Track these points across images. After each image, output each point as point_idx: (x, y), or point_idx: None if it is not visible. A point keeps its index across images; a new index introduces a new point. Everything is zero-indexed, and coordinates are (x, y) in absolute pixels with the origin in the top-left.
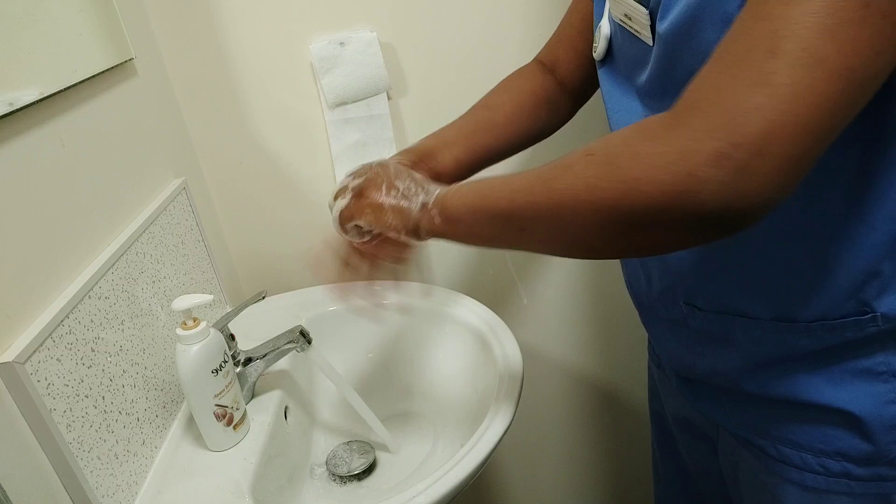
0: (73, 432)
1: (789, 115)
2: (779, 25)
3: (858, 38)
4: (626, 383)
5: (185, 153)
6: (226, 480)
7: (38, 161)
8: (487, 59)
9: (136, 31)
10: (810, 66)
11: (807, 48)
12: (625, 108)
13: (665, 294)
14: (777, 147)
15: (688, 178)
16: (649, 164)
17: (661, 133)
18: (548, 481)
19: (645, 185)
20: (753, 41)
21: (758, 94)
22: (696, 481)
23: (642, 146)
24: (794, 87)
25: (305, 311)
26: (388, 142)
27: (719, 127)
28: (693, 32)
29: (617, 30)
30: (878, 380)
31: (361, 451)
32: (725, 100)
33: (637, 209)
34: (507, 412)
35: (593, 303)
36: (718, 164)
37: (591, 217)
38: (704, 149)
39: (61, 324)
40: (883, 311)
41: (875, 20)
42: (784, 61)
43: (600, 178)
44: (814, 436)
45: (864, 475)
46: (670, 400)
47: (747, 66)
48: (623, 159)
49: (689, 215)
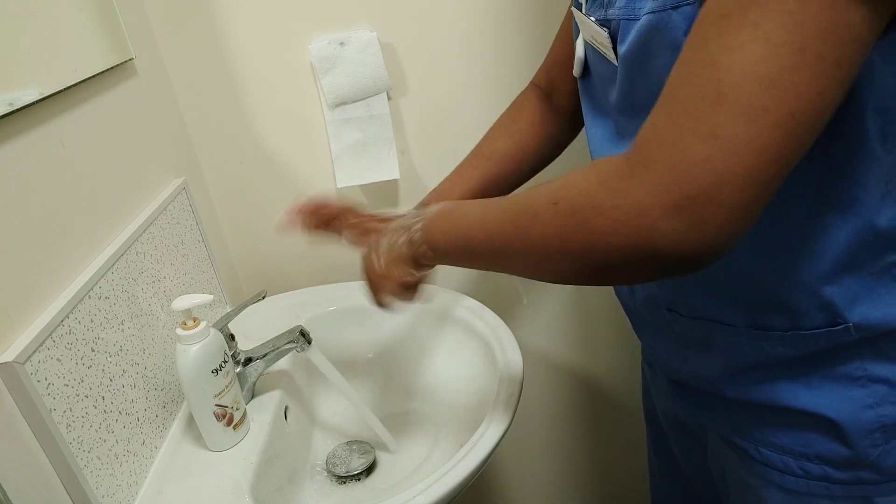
0: (73, 432)
1: (737, 166)
2: (722, 74)
3: (798, 83)
4: (625, 383)
5: (185, 153)
6: (226, 480)
7: (38, 161)
8: (487, 59)
9: (136, 31)
10: (754, 117)
11: (749, 99)
12: (599, 124)
13: (648, 302)
14: (728, 196)
15: (648, 231)
16: (611, 218)
17: (618, 186)
18: (547, 480)
19: (608, 236)
20: (699, 90)
21: (706, 147)
22: (689, 479)
23: (603, 199)
24: (739, 138)
25: (305, 311)
26: (388, 142)
27: (673, 181)
28: (646, 58)
29: (590, 49)
30: (856, 385)
31: (361, 451)
32: (676, 154)
33: (605, 257)
34: (507, 412)
35: (592, 303)
36: (675, 216)
37: (564, 260)
38: (660, 203)
39: (61, 324)
40: (855, 322)
41: (812, 63)
42: (728, 112)
43: (568, 229)
44: (794, 439)
45: (844, 479)
46: (662, 400)
47: (695, 118)
48: (586, 212)
49: (651, 261)
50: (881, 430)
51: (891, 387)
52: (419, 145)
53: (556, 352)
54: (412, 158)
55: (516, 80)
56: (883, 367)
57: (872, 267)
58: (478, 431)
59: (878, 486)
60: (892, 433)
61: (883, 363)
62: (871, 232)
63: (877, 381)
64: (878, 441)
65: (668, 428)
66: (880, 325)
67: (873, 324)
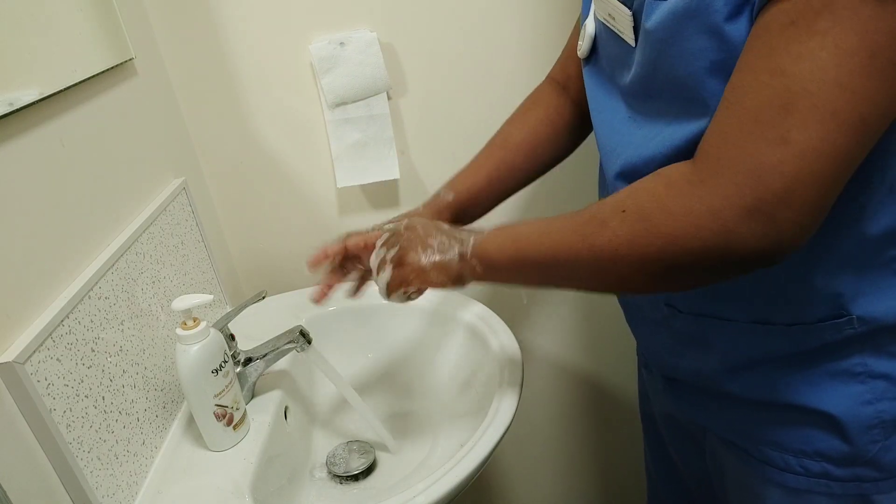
0: (73, 432)
1: (807, 169)
2: (791, 81)
3: (867, 88)
4: (625, 383)
5: (185, 153)
6: (226, 480)
7: (37, 161)
8: (487, 58)
9: (136, 31)
10: (823, 121)
11: (819, 103)
12: (608, 107)
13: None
14: (799, 197)
15: (723, 233)
16: (685, 222)
17: (688, 190)
18: (547, 480)
19: (683, 240)
20: (767, 97)
21: (777, 152)
22: (686, 481)
23: (673, 203)
24: (809, 142)
25: (305, 311)
26: (389, 141)
27: (746, 184)
28: (677, 39)
29: (602, 29)
30: (856, 381)
31: (361, 451)
32: (748, 158)
33: (679, 259)
34: (507, 412)
35: (592, 303)
36: (750, 218)
37: (634, 267)
38: (735, 205)
39: (61, 324)
40: (859, 314)
41: (883, 68)
42: (798, 118)
43: (638, 235)
44: (794, 437)
45: (843, 476)
46: (658, 401)
47: (765, 124)
48: (657, 216)
49: (727, 261)
50: (880, 425)
51: (890, 383)
52: (419, 145)
53: (557, 352)
54: (412, 158)
55: (516, 79)
56: (883, 363)
57: (877, 261)
58: (478, 430)
59: (877, 483)
60: (891, 429)
61: (883, 359)
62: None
63: (877, 377)
64: (878, 437)
65: (665, 430)
66: (882, 319)
67: (876, 317)
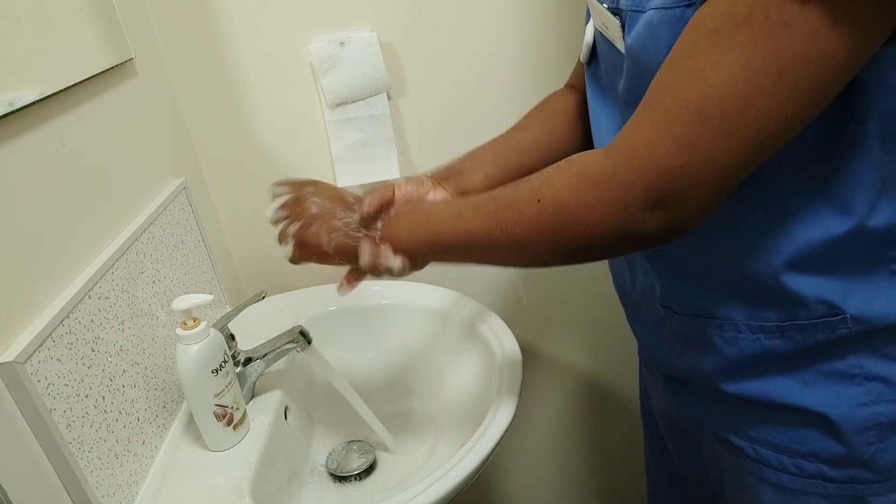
0: (73, 432)
1: (709, 173)
2: (707, 89)
3: (769, 108)
4: (625, 383)
5: (185, 153)
6: (226, 480)
7: (38, 161)
8: (487, 58)
9: (136, 31)
10: (728, 134)
11: (727, 117)
12: (607, 114)
13: (645, 293)
14: (700, 194)
15: (632, 221)
16: (598, 211)
17: (601, 182)
18: (547, 480)
19: (595, 227)
20: (685, 100)
21: (685, 155)
22: (685, 480)
23: (587, 194)
24: (714, 150)
25: (305, 311)
26: (388, 141)
27: (654, 182)
28: (654, 51)
29: (599, 37)
30: (851, 382)
31: (361, 451)
32: (658, 158)
33: (590, 242)
34: (507, 412)
35: (592, 303)
36: (654, 209)
37: (549, 250)
38: (643, 199)
39: (61, 324)
40: (853, 313)
41: (785, 90)
42: (708, 127)
43: (555, 223)
44: (789, 437)
45: (838, 477)
46: (658, 400)
47: (678, 126)
48: (573, 207)
49: (632, 241)
50: (876, 427)
51: (886, 385)
52: (419, 145)
53: (556, 351)
54: (412, 158)
55: (516, 79)
56: (879, 365)
57: (868, 261)
58: (478, 430)
59: (872, 485)
60: (887, 431)
61: (879, 361)
62: (867, 228)
63: (872, 379)
64: (873, 439)
65: (664, 429)
66: (877, 320)
67: (870, 317)
